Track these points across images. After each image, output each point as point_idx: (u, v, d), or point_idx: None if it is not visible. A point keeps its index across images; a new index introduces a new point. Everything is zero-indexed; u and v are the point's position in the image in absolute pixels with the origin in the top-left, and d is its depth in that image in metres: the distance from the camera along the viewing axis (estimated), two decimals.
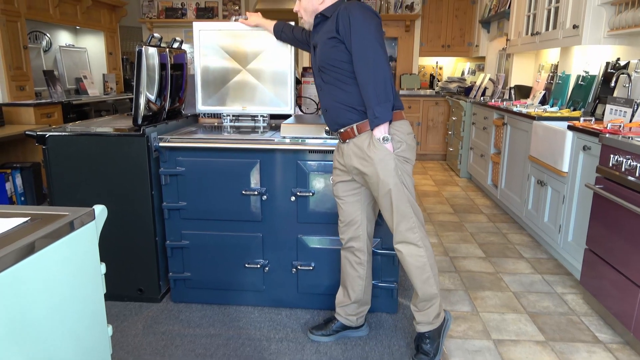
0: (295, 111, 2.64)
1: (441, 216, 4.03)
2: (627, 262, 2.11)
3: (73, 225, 1.11)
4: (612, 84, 2.97)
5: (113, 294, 2.19)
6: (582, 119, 2.90)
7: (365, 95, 1.79)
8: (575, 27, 3.31)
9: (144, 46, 2.26)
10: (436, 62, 7.09)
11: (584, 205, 2.64)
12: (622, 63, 3.16)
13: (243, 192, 2.30)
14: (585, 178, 2.65)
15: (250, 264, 2.39)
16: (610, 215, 2.26)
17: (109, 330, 1.28)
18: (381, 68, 1.76)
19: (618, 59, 3.22)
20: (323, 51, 1.87)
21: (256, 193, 2.30)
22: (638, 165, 2.07)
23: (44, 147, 2.32)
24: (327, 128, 2.06)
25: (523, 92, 4.66)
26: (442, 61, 7.12)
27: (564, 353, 2.11)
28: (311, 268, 2.36)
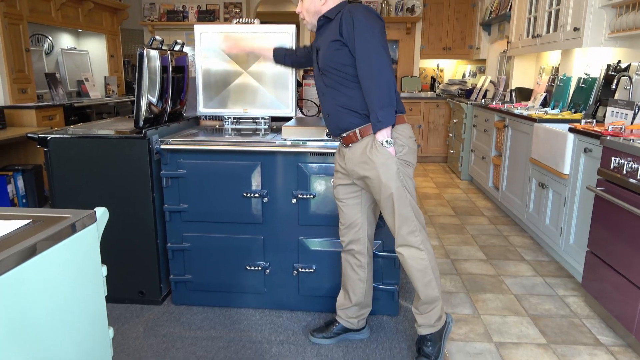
0: (296, 114, 2.64)
1: (442, 218, 4.03)
2: (629, 265, 2.11)
3: (74, 227, 1.11)
4: (613, 87, 2.98)
5: (114, 297, 2.17)
6: (583, 122, 2.90)
7: (368, 98, 1.79)
8: (576, 30, 3.31)
9: (146, 49, 2.26)
10: (437, 65, 7.10)
11: (586, 207, 2.64)
12: (623, 65, 3.16)
13: (244, 195, 2.30)
14: (586, 180, 2.64)
15: (251, 267, 2.38)
16: (611, 217, 2.25)
17: (110, 332, 1.28)
18: (385, 72, 1.76)
19: (619, 62, 3.22)
20: (326, 54, 1.86)
21: (257, 195, 2.30)
22: (639, 167, 2.07)
23: (46, 150, 2.33)
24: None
25: (524, 95, 4.66)
26: (443, 64, 7.13)
27: (566, 356, 2.10)
28: (312, 270, 2.36)
